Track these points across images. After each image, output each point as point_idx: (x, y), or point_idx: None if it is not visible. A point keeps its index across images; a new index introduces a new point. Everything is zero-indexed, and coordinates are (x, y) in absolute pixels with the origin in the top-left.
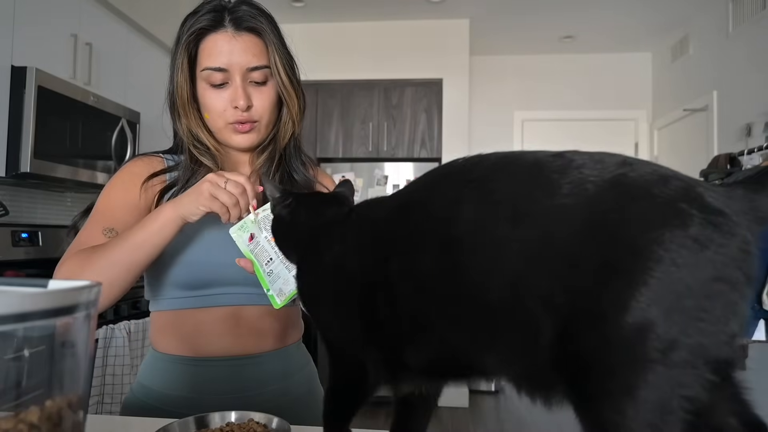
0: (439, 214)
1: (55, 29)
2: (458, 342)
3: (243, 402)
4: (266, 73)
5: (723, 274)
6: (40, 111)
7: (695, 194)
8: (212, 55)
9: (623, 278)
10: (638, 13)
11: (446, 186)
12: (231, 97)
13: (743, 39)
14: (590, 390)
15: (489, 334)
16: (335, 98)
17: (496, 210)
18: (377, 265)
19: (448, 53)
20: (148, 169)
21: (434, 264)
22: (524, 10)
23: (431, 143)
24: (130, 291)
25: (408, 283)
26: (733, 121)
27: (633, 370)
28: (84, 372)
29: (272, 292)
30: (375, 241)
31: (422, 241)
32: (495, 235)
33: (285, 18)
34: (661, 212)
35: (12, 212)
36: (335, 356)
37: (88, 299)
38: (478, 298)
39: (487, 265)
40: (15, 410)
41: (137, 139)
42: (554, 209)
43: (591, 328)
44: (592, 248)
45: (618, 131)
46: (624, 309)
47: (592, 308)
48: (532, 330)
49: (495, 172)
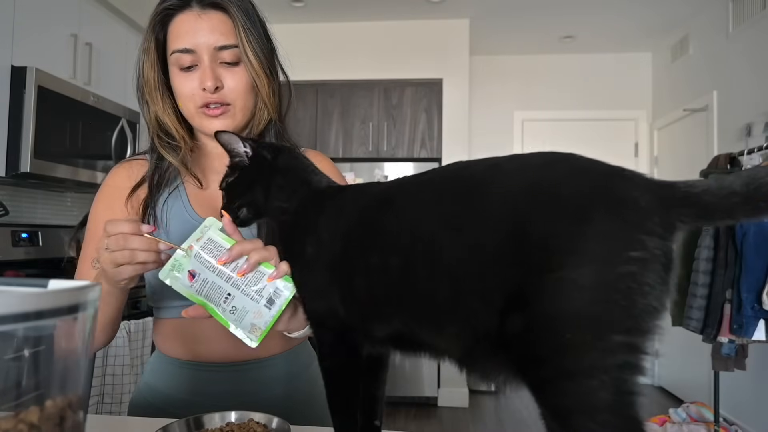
0: (408, 219)
1: (55, 29)
2: (414, 326)
3: (247, 406)
4: (236, 52)
5: (629, 258)
6: (40, 111)
7: (604, 187)
8: (179, 37)
9: (537, 274)
10: (638, 13)
11: (420, 195)
12: (200, 79)
13: (743, 39)
14: (533, 378)
15: (437, 323)
16: (335, 98)
17: (445, 225)
18: (357, 252)
19: (448, 53)
20: (131, 177)
21: (399, 263)
22: (524, 10)
23: (431, 143)
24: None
25: (380, 274)
26: (733, 121)
27: (564, 356)
28: (84, 372)
29: (241, 331)
30: (359, 228)
31: (393, 241)
32: (442, 245)
33: (285, 18)
34: (565, 209)
35: (12, 212)
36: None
37: (88, 299)
38: (430, 292)
39: (435, 268)
40: (15, 410)
41: (137, 139)
42: (485, 218)
43: (519, 321)
44: (514, 248)
45: (618, 131)
46: (541, 301)
47: (521, 303)
48: (472, 322)
49: (445, 189)
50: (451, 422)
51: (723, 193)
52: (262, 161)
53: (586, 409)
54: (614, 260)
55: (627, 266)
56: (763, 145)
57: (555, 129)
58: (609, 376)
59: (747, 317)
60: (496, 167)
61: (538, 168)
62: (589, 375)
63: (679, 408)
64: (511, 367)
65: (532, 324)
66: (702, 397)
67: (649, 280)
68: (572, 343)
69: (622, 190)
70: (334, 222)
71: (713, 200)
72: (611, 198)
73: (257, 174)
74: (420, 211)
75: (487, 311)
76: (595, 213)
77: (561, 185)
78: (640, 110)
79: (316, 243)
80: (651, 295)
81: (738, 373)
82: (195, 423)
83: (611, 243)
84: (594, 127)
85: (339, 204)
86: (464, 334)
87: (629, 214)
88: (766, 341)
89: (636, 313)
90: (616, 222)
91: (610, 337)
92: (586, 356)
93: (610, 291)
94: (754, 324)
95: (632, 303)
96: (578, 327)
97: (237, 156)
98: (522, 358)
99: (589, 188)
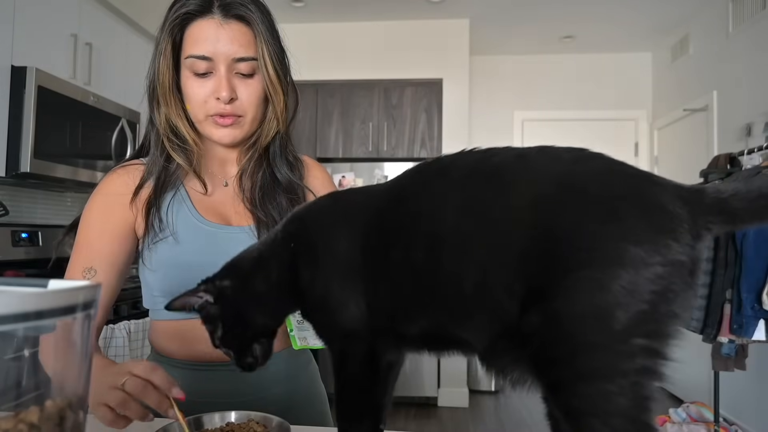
0: (428, 212)
1: (55, 29)
2: (442, 319)
3: (247, 405)
4: (254, 65)
5: (657, 263)
6: (40, 111)
7: (637, 190)
8: (197, 42)
9: (562, 270)
10: (638, 13)
11: (435, 185)
12: (214, 88)
13: (743, 39)
14: (549, 377)
15: (464, 314)
16: (335, 98)
17: (470, 213)
18: (379, 254)
19: (448, 53)
20: (129, 182)
21: (424, 256)
22: (524, 10)
23: (431, 143)
24: (129, 291)
25: (405, 271)
26: (733, 121)
27: (582, 356)
28: (84, 372)
29: (295, 334)
30: (377, 230)
31: (415, 235)
32: (468, 234)
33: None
34: (595, 208)
35: (12, 212)
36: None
37: (88, 299)
38: (457, 286)
39: (463, 260)
40: (15, 410)
41: (137, 139)
42: (512, 208)
43: (539, 316)
44: (540, 241)
45: (618, 131)
46: (564, 299)
47: (540, 298)
48: (497, 313)
49: (470, 177)
50: (451, 422)
51: (752, 197)
52: (229, 289)
53: (600, 412)
54: (642, 264)
55: (654, 270)
56: (763, 145)
57: (555, 129)
58: (627, 381)
59: (747, 317)
60: (523, 158)
61: (569, 163)
62: (607, 378)
63: (679, 408)
64: (529, 365)
65: (552, 321)
66: (702, 397)
67: (675, 287)
68: (592, 345)
69: (653, 194)
70: (345, 230)
71: (742, 205)
72: (642, 201)
73: (235, 304)
74: (441, 199)
75: (511, 303)
76: (624, 215)
77: (592, 183)
78: (640, 110)
79: (331, 257)
80: (675, 301)
81: (738, 373)
82: (195, 423)
83: (640, 246)
84: (594, 127)
85: (344, 212)
86: (490, 326)
87: (659, 219)
88: (766, 341)
89: (658, 317)
90: (645, 226)
91: (631, 341)
92: (605, 359)
93: (634, 294)
94: (754, 324)
95: (655, 308)
96: (599, 328)
97: (201, 308)
98: (540, 356)
99: (621, 189)
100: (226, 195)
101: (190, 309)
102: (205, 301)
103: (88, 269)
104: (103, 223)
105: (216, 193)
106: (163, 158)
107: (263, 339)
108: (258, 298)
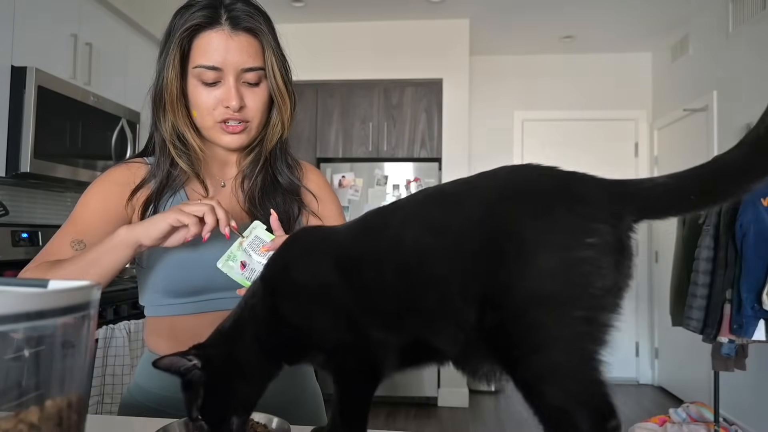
0: (391, 238)
1: (55, 29)
2: (418, 332)
3: None
4: (260, 74)
5: (585, 244)
6: (40, 111)
7: (563, 185)
8: (207, 53)
9: (511, 263)
10: (638, 13)
11: (395, 217)
12: (223, 97)
13: (743, 39)
14: (507, 359)
15: (433, 327)
16: (335, 98)
17: (426, 230)
18: (353, 278)
19: (448, 53)
20: (130, 178)
21: (392, 278)
22: (524, 9)
23: (431, 143)
24: (130, 291)
25: (378, 290)
26: (733, 121)
27: (532, 333)
28: (84, 372)
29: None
30: (349, 260)
31: (383, 260)
32: (426, 249)
33: (285, 18)
34: (532, 206)
35: (12, 212)
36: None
37: (88, 299)
38: (422, 300)
39: (425, 276)
40: (15, 410)
41: (137, 139)
42: (462, 222)
43: (495, 309)
44: (489, 244)
45: (618, 131)
46: (513, 288)
47: (495, 293)
48: (460, 321)
49: (425, 203)
50: (451, 422)
51: (672, 193)
52: (218, 358)
53: (551, 377)
54: (572, 246)
55: (583, 251)
56: None
57: (555, 129)
58: (571, 346)
59: (747, 317)
60: (468, 183)
61: (507, 174)
62: (553, 347)
63: (679, 408)
64: (493, 357)
65: (506, 310)
66: (702, 397)
67: (605, 263)
68: (539, 323)
69: (576, 187)
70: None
71: (658, 196)
72: (567, 194)
73: (222, 373)
74: (401, 227)
75: (470, 309)
76: (553, 208)
77: (529, 184)
78: (640, 110)
79: (310, 283)
80: (607, 276)
81: (738, 373)
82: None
83: (569, 232)
84: (594, 127)
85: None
86: (456, 334)
87: (582, 207)
88: (766, 341)
89: (594, 291)
90: (571, 215)
91: (572, 312)
92: (552, 333)
93: (569, 273)
94: (754, 324)
95: (589, 282)
96: (544, 305)
97: (187, 373)
98: (498, 344)
99: (552, 187)
100: (224, 196)
101: (175, 371)
102: (193, 365)
103: (78, 241)
104: (102, 205)
105: (214, 194)
106: (168, 164)
107: (242, 412)
108: (244, 362)
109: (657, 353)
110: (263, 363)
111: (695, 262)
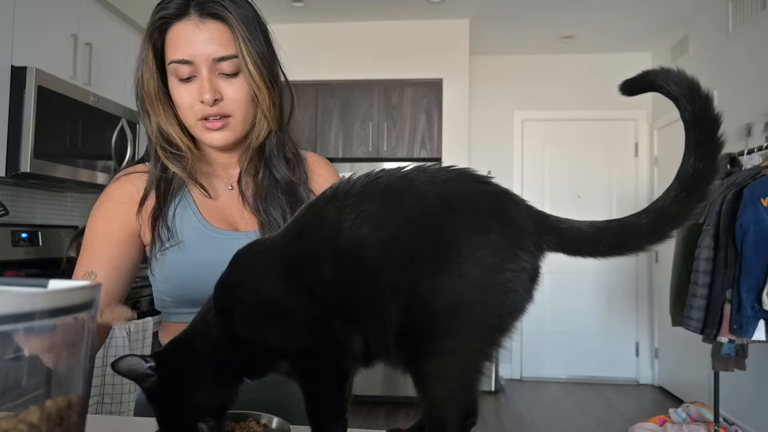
0: (327, 235)
1: (55, 29)
2: (360, 327)
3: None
4: (236, 63)
5: (507, 268)
6: (40, 111)
7: (499, 206)
8: (177, 46)
9: (441, 271)
10: (638, 13)
11: (328, 211)
12: (198, 91)
13: (743, 39)
14: (412, 352)
15: (365, 320)
16: (335, 98)
17: (364, 222)
18: (297, 281)
19: (448, 53)
20: (132, 190)
21: (331, 272)
22: (524, 10)
23: (431, 143)
24: (129, 291)
25: (320, 288)
26: (733, 121)
27: (441, 338)
28: (84, 372)
29: None
30: (289, 265)
31: (321, 255)
32: (363, 241)
33: (285, 18)
34: (471, 221)
35: (12, 212)
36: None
37: (88, 299)
38: (358, 293)
39: (361, 267)
40: (15, 410)
41: (137, 139)
42: (402, 217)
43: (417, 308)
44: (425, 246)
45: (618, 131)
46: (436, 292)
47: (421, 293)
48: (386, 315)
49: (361, 197)
50: None
51: (584, 237)
52: (172, 366)
53: (444, 378)
54: (498, 269)
55: (506, 275)
56: (763, 145)
57: (555, 129)
58: (470, 357)
59: (747, 317)
60: (406, 178)
61: (445, 184)
62: (457, 355)
63: (679, 408)
64: (397, 348)
65: (426, 312)
66: (702, 397)
67: (519, 288)
68: (450, 330)
69: (510, 211)
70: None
71: (572, 237)
72: (502, 216)
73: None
74: (336, 222)
75: (397, 305)
76: (489, 228)
77: (468, 199)
78: (640, 110)
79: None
80: (521, 299)
81: (738, 373)
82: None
83: (500, 254)
84: (594, 127)
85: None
86: (380, 328)
87: (513, 232)
88: (766, 341)
89: (503, 313)
90: (503, 238)
91: (477, 329)
92: (458, 342)
93: (492, 291)
94: (754, 324)
95: (504, 303)
96: (461, 317)
97: (144, 378)
98: (411, 341)
99: (490, 207)
100: (232, 198)
101: (134, 377)
102: (149, 367)
103: (89, 273)
104: (104, 227)
105: (222, 197)
106: (158, 168)
107: (209, 418)
108: (196, 370)
109: (657, 353)
110: (219, 377)
111: (695, 262)
